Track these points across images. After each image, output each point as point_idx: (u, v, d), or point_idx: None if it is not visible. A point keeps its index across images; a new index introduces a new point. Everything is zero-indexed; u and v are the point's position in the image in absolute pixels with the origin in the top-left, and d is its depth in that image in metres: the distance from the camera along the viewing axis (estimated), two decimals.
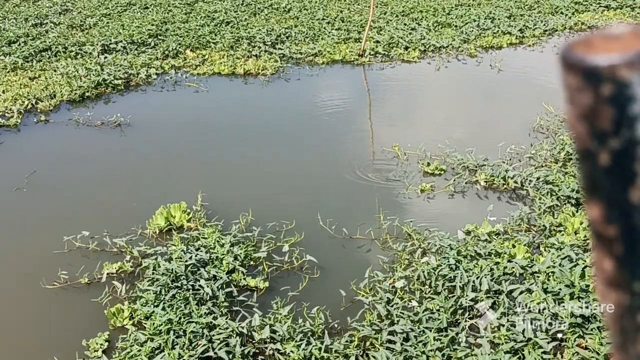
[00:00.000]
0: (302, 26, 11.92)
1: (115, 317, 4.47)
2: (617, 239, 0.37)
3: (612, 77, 0.35)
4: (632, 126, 0.35)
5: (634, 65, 0.35)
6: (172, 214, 5.58)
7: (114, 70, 9.61)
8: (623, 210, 0.37)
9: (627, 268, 0.38)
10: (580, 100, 0.36)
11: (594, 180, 0.37)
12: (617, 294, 0.39)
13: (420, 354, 3.91)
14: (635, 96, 0.35)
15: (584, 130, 0.36)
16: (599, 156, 0.36)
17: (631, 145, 0.36)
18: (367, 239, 5.37)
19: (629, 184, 0.36)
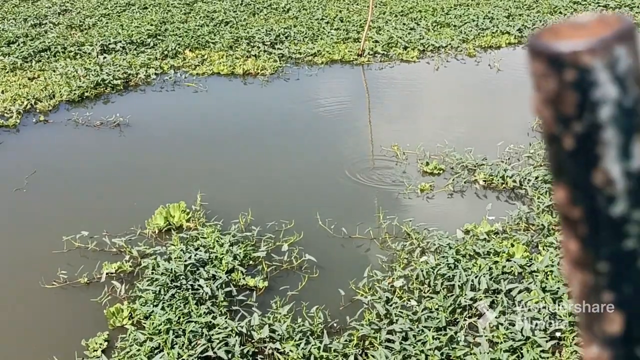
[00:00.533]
0: (301, 26, 11.92)
1: (114, 316, 4.48)
2: (582, 221, 0.38)
3: (575, 63, 0.36)
4: (595, 111, 0.36)
5: (596, 52, 0.36)
6: (171, 214, 5.59)
7: (113, 70, 9.61)
8: (587, 192, 0.37)
9: (592, 248, 0.39)
10: (545, 86, 0.37)
11: (559, 163, 0.38)
12: (583, 274, 0.40)
13: (419, 353, 3.92)
14: (597, 81, 0.36)
15: (550, 115, 0.37)
16: (563, 140, 0.37)
17: (594, 129, 0.37)
18: (366, 238, 5.38)
19: (592, 167, 0.37)
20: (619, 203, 0.37)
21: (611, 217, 0.38)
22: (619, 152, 0.37)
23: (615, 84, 0.36)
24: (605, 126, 0.37)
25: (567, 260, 0.40)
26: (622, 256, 0.38)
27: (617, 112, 0.36)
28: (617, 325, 0.39)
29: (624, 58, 0.36)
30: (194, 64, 10.13)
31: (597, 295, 0.40)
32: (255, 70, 9.86)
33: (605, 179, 0.37)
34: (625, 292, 0.39)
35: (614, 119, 0.36)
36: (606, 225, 0.38)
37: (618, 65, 0.36)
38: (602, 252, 0.39)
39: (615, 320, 0.39)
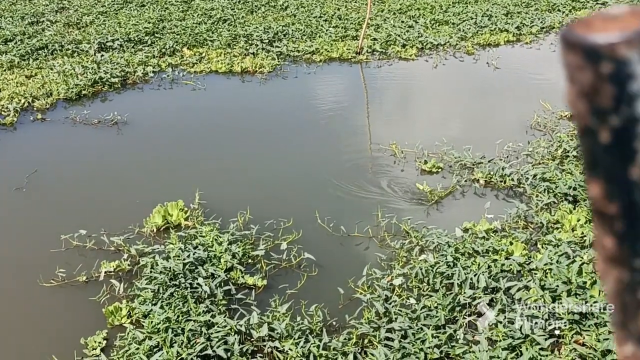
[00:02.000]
0: (299, 24, 11.90)
1: (113, 315, 4.47)
2: (618, 216, 0.38)
3: (612, 55, 0.35)
4: (632, 104, 0.36)
5: (633, 44, 0.35)
6: (169, 213, 5.58)
7: (110, 68, 9.59)
8: (623, 187, 0.37)
9: (628, 245, 0.38)
10: (580, 79, 0.37)
11: (594, 157, 0.38)
12: (618, 270, 0.39)
13: (418, 351, 3.92)
14: (634, 74, 0.36)
15: (585, 108, 0.37)
16: (599, 134, 0.37)
17: (631, 122, 0.36)
18: (365, 236, 5.37)
19: (629, 161, 0.37)
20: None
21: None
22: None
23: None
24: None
25: (602, 257, 0.40)
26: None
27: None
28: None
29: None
30: (192, 62, 10.11)
31: (634, 293, 0.39)
32: (254, 68, 9.85)
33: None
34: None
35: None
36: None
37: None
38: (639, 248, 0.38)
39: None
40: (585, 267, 4.49)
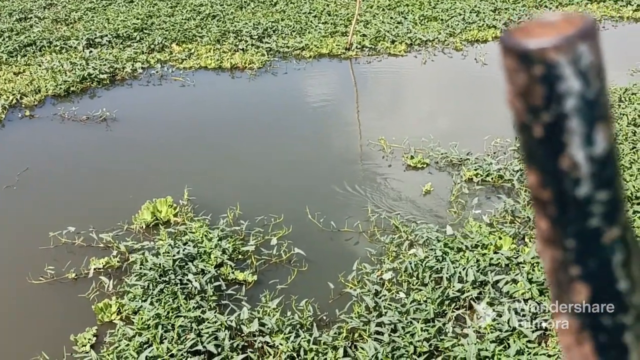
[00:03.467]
0: (288, 20, 11.90)
1: (102, 312, 4.47)
2: (551, 202, 0.42)
3: (542, 59, 0.39)
4: (560, 102, 0.40)
5: (561, 49, 0.39)
6: (158, 209, 5.58)
7: (99, 64, 9.56)
8: (555, 176, 0.42)
9: (560, 227, 0.43)
10: (516, 80, 0.41)
11: (530, 150, 0.42)
12: (552, 250, 0.44)
13: (407, 345, 3.95)
14: (562, 76, 0.40)
15: (521, 106, 0.42)
16: (533, 129, 0.42)
17: (560, 118, 0.41)
18: (355, 231, 5.40)
19: (559, 153, 0.41)
20: (583, 185, 0.42)
21: (577, 198, 0.42)
22: (583, 139, 0.41)
23: (579, 78, 0.40)
24: (570, 116, 0.41)
25: (539, 238, 0.45)
26: (587, 233, 0.42)
27: (581, 103, 0.41)
28: (583, 296, 0.44)
29: (586, 54, 0.40)
30: (181, 58, 10.09)
31: (566, 270, 0.44)
32: (243, 64, 9.84)
33: (571, 164, 0.41)
34: (590, 266, 0.43)
35: (578, 110, 0.41)
36: (572, 205, 0.42)
37: (581, 61, 0.40)
38: (570, 230, 0.43)
39: (582, 292, 0.44)
40: None
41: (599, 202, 0.42)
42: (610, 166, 0.42)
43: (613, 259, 0.43)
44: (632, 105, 7.61)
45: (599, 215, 0.42)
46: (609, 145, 0.42)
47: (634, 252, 0.44)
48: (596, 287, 0.43)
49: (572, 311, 0.44)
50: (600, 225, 0.42)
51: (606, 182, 0.42)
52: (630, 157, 6.24)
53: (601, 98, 0.41)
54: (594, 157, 0.41)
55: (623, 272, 0.43)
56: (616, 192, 0.42)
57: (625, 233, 0.43)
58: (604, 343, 0.44)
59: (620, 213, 0.43)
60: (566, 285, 0.44)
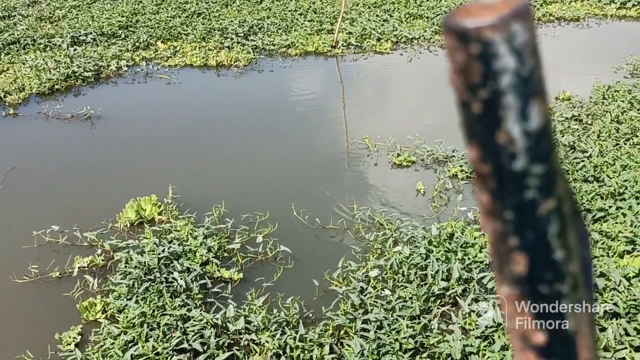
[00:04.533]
0: (274, 17, 11.88)
1: (87, 311, 4.45)
2: (490, 175, 0.44)
3: (478, 37, 0.41)
4: (496, 79, 0.42)
5: (496, 28, 0.41)
6: (142, 207, 5.55)
7: (83, 62, 9.50)
8: (493, 150, 0.44)
9: (499, 200, 0.45)
10: (456, 58, 0.43)
11: (470, 126, 0.44)
12: (493, 222, 0.46)
13: (393, 342, 3.96)
14: (497, 54, 0.42)
15: (461, 84, 0.43)
16: (472, 105, 0.43)
17: (496, 95, 0.42)
18: (340, 229, 5.40)
19: (496, 128, 0.43)
20: (519, 159, 0.43)
21: (514, 172, 0.44)
22: (518, 114, 0.43)
23: (513, 55, 0.42)
24: (506, 92, 0.42)
25: (482, 211, 0.47)
26: (524, 205, 0.45)
27: (516, 80, 0.42)
28: (522, 266, 0.46)
29: (520, 33, 0.42)
30: (166, 56, 10.05)
31: (505, 241, 0.46)
32: (229, 61, 9.82)
33: (507, 138, 0.43)
34: (528, 236, 0.45)
35: (513, 86, 0.42)
36: (510, 178, 0.44)
37: (515, 39, 0.42)
38: (508, 202, 0.45)
39: (521, 261, 0.46)
40: None
41: (534, 175, 0.44)
42: (545, 140, 0.44)
43: (549, 229, 0.45)
44: (615, 103, 7.67)
45: (535, 187, 0.44)
46: (543, 121, 0.44)
47: (569, 223, 0.46)
48: (533, 257, 0.45)
49: (512, 281, 0.46)
50: (537, 197, 0.44)
51: (541, 156, 0.44)
52: (614, 153, 6.29)
53: (535, 75, 0.43)
54: (529, 131, 0.43)
55: (559, 242, 0.45)
56: (552, 166, 0.44)
57: (561, 205, 0.45)
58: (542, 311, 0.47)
59: (556, 186, 0.45)
60: (506, 255, 0.46)
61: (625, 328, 3.89)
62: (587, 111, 7.49)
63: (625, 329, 3.89)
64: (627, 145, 6.56)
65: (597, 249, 4.76)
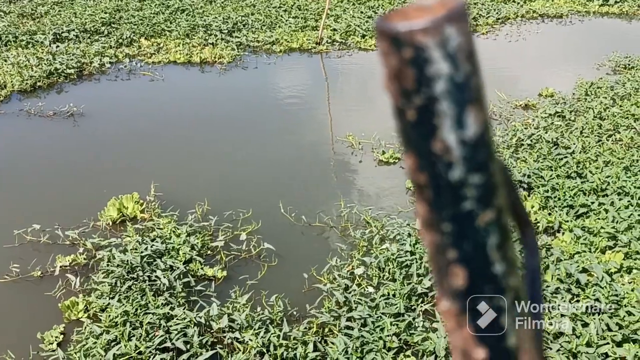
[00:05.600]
0: (258, 14, 11.84)
1: (69, 310, 4.41)
2: (427, 185, 0.43)
3: (411, 42, 0.39)
4: (430, 85, 0.40)
5: (429, 31, 0.39)
6: (124, 205, 5.51)
7: (66, 59, 9.41)
8: (429, 159, 0.42)
9: (436, 211, 0.43)
10: (389, 63, 0.41)
11: (406, 134, 0.42)
12: (431, 234, 0.44)
13: (377, 340, 3.96)
14: (430, 59, 0.40)
15: (395, 89, 0.41)
16: (407, 112, 0.41)
17: (431, 102, 0.40)
18: (326, 226, 5.39)
19: (431, 136, 0.41)
20: (456, 168, 0.42)
21: (450, 182, 0.42)
22: (454, 122, 0.41)
23: (447, 60, 0.40)
24: (441, 99, 0.41)
25: (420, 223, 0.45)
26: (461, 217, 0.43)
27: (450, 86, 0.40)
28: (461, 279, 0.44)
29: (454, 37, 0.40)
30: (150, 53, 9.99)
31: (444, 253, 0.44)
32: (213, 58, 9.77)
33: (443, 147, 0.41)
34: (466, 249, 0.43)
35: (448, 93, 0.41)
36: (446, 189, 0.42)
37: (449, 44, 0.40)
38: (445, 214, 0.43)
39: (459, 275, 0.44)
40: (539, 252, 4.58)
41: (472, 186, 0.42)
42: (483, 149, 0.42)
43: (488, 242, 0.43)
44: (598, 99, 7.72)
45: (472, 198, 0.42)
46: (480, 129, 0.42)
47: (508, 236, 0.45)
48: (472, 270, 0.44)
49: (452, 295, 0.45)
50: (474, 208, 0.42)
51: (479, 165, 0.42)
52: (596, 150, 6.33)
53: (472, 81, 0.41)
54: (465, 140, 0.41)
55: (498, 254, 0.44)
56: (490, 176, 0.42)
57: (500, 216, 0.43)
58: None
59: (495, 196, 0.43)
60: (445, 269, 0.44)
61: (607, 323, 3.92)
62: (570, 108, 7.53)
63: (607, 324, 3.92)
64: (610, 142, 6.61)
65: (580, 245, 4.79)
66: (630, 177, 5.73)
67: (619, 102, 7.62)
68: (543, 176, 5.82)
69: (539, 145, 6.49)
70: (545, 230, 5.11)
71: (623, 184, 5.57)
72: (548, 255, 4.61)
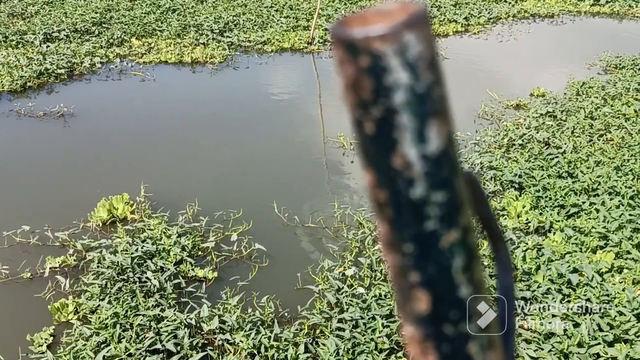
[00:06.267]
0: (250, 14, 11.82)
1: (59, 312, 4.38)
2: (387, 203, 0.40)
3: (367, 49, 0.37)
4: (389, 96, 0.37)
5: (386, 38, 0.36)
6: (114, 206, 5.48)
7: (56, 59, 9.36)
8: (389, 175, 0.39)
9: (397, 230, 0.40)
10: (346, 72, 0.38)
11: (365, 148, 0.39)
12: (393, 255, 0.41)
13: (369, 341, 3.95)
14: (389, 67, 0.37)
15: (352, 100, 0.39)
16: (365, 125, 0.38)
17: (390, 114, 0.38)
18: (318, 227, 5.38)
19: (391, 151, 0.38)
20: (417, 186, 0.39)
21: (411, 200, 0.39)
22: (415, 136, 0.38)
23: (407, 69, 0.37)
24: (400, 111, 0.38)
25: (382, 243, 0.42)
26: (424, 237, 0.40)
27: (410, 97, 0.38)
28: (424, 304, 0.41)
29: (413, 44, 0.37)
30: (141, 53, 9.95)
31: (406, 276, 0.41)
32: (204, 58, 9.74)
33: (403, 163, 0.38)
34: (430, 271, 0.40)
35: (408, 104, 0.38)
36: (407, 207, 0.39)
37: (408, 52, 0.37)
38: (406, 234, 0.40)
39: (423, 299, 0.41)
40: (530, 252, 4.59)
41: (435, 204, 0.39)
42: (447, 165, 0.39)
43: (453, 263, 0.41)
44: (589, 99, 7.74)
45: (435, 217, 0.39)
46: (444, 143, 0.39)
47: (475, 257, 0.42)
48: (436, 294, 0.41)
49: (415, 320, 0.42)
50: (438, 228, 0.40)
51: (442, 182, 0.39)
52: (587, 149, 6.34)
53: (434, 92, 0.39)
54: (427, 155, 0.39)
55: (464, 277, 0.41)
56: (454, 193, 0.40)
57: (466, 236, 0.41)
58: (448, 353, 0.42)
59: (460, 215, 0.40)
60: (407, 292, 0.41)
61: (599, 323, 3.92)
62: (562, 107, 7.54)
63: (598, 324, 3.92)
64: (601, 141, 6.63)
65: (571, 245, 4.79)
66: (621, 176, 5.75)
67: (610, 101, 7.65)
68: (534, 176, 5.83)
69: (530, 145, 6.50)
70: (536, 230, 5.11)
71: (614, 184, 5.58)
72: (539, 255, 4.61)
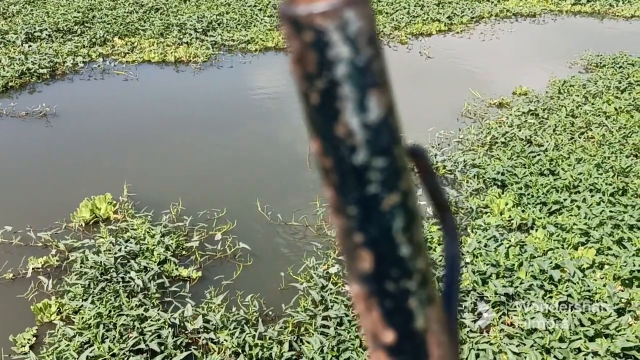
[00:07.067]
0: (233, 13, 11.79)
1: (42, 312, 4.35)
2: (332, 170, 0.43)
3: (311, 25, 0.40)
4: (331, 69, 0.40)
5: (328, 14, 0.39)
6: (97, 206, 5.45)
7: (39, 59, 9.29)
8: (333, 143, 0.42)
9: (342, 195, 0.43)
10: (293, 47, 0.41)
11: (311, 118, 0.42)
12: (339, 218, 0.44)
13: (353, 338, 3.96)
14: (331, 42, 0.40)
15: (299, 73, 0.41)
16: (310, 96, 0.41)
17: (332, 85, 0.41)
18: (302, 225, 5.38)
19: (334, 120, 0.41)
20: (359, 152, 0.42)
21: (354, 166, 0.42)
22: (356, 106, 0.41)
23: (347, 44, 0.40)
24: (342, 83, 0.41)
25: (329, 208, 0.45)
26: (366, 200, 0.43)
27: (351, 70, 0.41)
28: (367, 263, 0.44)
29: (353, 21, 0.40)
30: (124, 52, 9.90)
31: (351, 237, 0.44)
32: (188, 57, 9.71)
33: (346, 131, 0.41)
34: (372, 232, 0.44)
35: (349, 76, 0.41)
36: (351, 173, 0.42)
37: (349, 27, 0.40)
38: (350, 198, 0.43)
39: (366, 258, 0.44)
40: (512, 249, 4.63)
41: (376, 169, 0.42)
42: (387, 133, 0.43)
43: (393, 225, 0.44)
44: (570, 97, 7.81)
45: (377, 182, 0.43)
46: (384, 112, 0.43)
47: (415, 218, 0.45)
48: (379, 253, 0.44)
49: (360, 279, 0.45)
50: (379, 192, 0.43)
51: (382, 149, 0.42)
52: (569, 147, 6.40)
53: (374, 65, 0.42)
54: (368, 124, 0.42)
55: (404, 237, 0.44)
56: (394, 159, 0.43)
57: (406, 200, 0.44)
58: (390, 309, 0.45)
59: (400, 180, 0.43)
60: (353, 252, 0.44)
61: (580, 319, 3.96)
62: (544, 106, 7.61)
63: (580, 320, 3.96)
64: (582, 139, 6.69)
65: (553, 241, 4.84)
66: (601, 174, 5.81)
67: (591, 100, 7.72)
68: (517, 173, 5.87)
69: (512, 143, 6.55)
70: (519, 227, 5.16)
71: (595, 181, 5.64)
72: (522, 252, 4.65)
